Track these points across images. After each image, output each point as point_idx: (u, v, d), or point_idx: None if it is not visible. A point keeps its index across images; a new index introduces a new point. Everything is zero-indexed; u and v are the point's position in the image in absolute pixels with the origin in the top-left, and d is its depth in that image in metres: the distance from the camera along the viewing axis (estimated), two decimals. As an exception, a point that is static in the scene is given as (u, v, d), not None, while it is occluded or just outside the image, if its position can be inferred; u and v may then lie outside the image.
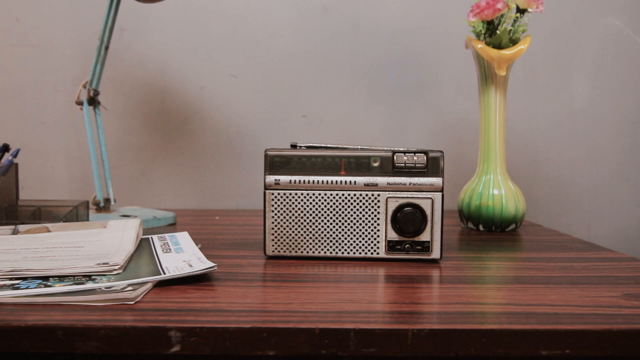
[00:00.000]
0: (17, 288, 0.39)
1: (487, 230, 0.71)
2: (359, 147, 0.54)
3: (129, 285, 0.40)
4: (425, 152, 0.52)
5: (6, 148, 0.63)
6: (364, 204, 0.51)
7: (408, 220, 0.50)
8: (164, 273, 0.43)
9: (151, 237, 0.58)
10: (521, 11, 0.69)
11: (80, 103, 0.76)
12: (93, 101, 0.77)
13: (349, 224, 0.51)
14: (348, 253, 0.52)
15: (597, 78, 0.97)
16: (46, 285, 0.40)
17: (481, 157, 0.73)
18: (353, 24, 0.94)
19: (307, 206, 0.51)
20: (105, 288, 0.39)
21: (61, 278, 0.41)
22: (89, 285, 0.40)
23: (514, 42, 0.69)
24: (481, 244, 0.63)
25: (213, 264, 0.44)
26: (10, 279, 0.41)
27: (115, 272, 0.43)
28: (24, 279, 0.41)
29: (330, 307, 0.37)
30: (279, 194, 0.52)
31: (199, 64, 0.94)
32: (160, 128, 0.95)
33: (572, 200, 0.98)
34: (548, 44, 0.96)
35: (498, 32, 0.69)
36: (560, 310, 0.37)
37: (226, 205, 0.95)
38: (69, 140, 0.94)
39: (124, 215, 0.73)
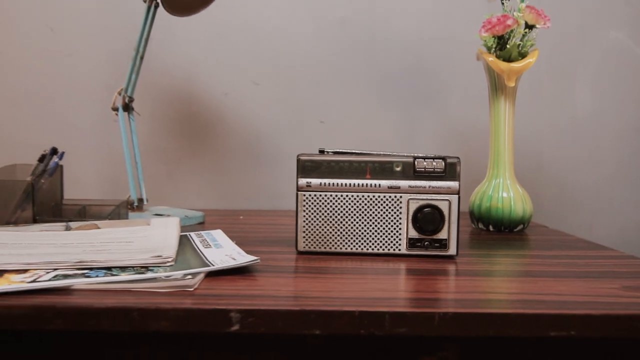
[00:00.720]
0: (88, 276, 0.44)
1: (496, 230, 0.76)
2: (382, 152, 0.59)
3: (186, 274, 0.45)
4: (444, 159, 0.57)
5: (55, 151, 0.68)
6: (387, 204, 0.56)
7: (427, 220, 0.56)
8: (212, 265, 0.48)
9: (189, 234, 0.63)
10: (529, 27, 0.74)
11: (115, 109, 0.82)
12: (127, 107, 0.82)
13: (373, 223, 0.57)
14: (372, 249, 0.57)
15: (599, 87, 1.02)
16: (112, 274, 0.45)
17: (491, 162, 0.78)
18: (368, 35, 1.00)
19: (336, 206, 0.57)
20: (165, 277, 0.45)
21: (122, 269, 0.47)
22: (150, 274, 0.45)
23: (522, 55, 0.75)
24: (492, 242, 0.69)
25: (256, 257, 0.49)
26: (78, 269, 0.46)
27: (168, 264, 0.48)
28: (91, 269, 0.46)
29: (363, 294, 0.43)
30: (310, 195, 0.57)
31: (223, 72, 0.99)
32: (186, 132, 1.00)
33: (575, 202, 1.03)
34: (553, 55, 1.01)
35: (508, 46, 0.74)
36: (566, 298, 0.43)
37: (248, 206, 1.00)
38: (100, 143, 0.99)
39: (157, 214, 0.79)
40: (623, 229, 1.04)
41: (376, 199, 0.56)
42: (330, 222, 0.57)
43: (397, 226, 0.56)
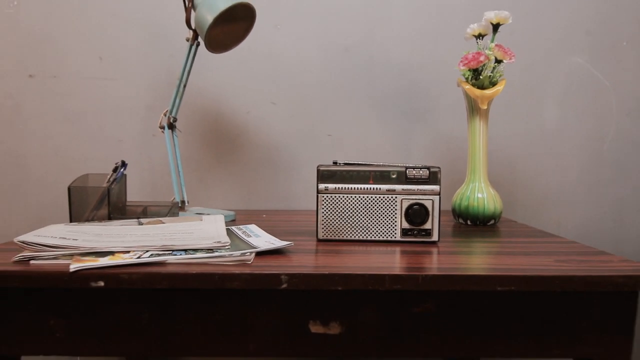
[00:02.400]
0: (174, 255, 0.62)
1: (473, 224, 0.94)
2: (382, 163, 0.77)
3: (243, 253, 0.63)
4: (428, 168, 0.75)
5: (124, 163, 0.86)
6: (385, 203, 0.74)
7: (416, 214, 0.74)
8: (257, 247, 0.66)
9: (231, 228, 0.81)
10: (498, 61, 0.93)
11: (162, 127, 0.99)
12: (172, 126, 1.00)
13: (375, 217, 0.75)
14: (374, 237, 0.75)
15: (563, 104, 1.21)
16: (189, 254, 0.63)
17: (469, 169, 0.96)
18: (368, 61, 1.18)
19: (347, 205, 0.75)
20: (229, 255, 0.62)
21: (194, 250, 0.64)
22: (217, 253, 0.63)
23: (493, 84, 0.93)
24: (468, 233, 0.87)
25: (290, 242, 0.67)
26: (164, 250, 0.64)
27: (227, 247, 0.66)
28: (173, 250, 0.64)
29: (370, 265, 0.60)
30: (327, 196, 0.75)
31: (246, 93, 1.17)
32: (214, 144, 1.18)
33: (544, 202, 1.22)
34: (524, 77, 1.19)
35: (481, 77, 0.92)
36: (512, 267, 0.61)
37: (268, 206, 1.18)
38: (142, 154, 1.17)
39: (198, 213, 0.96)
40: (585, 223, 1.22)
41: (377, 199, 0.74)
42: (343, 216, 0.75)
43: (393, 219, 0.74)
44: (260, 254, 0.65)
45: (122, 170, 0.88)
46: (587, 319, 0.60)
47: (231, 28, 0.96)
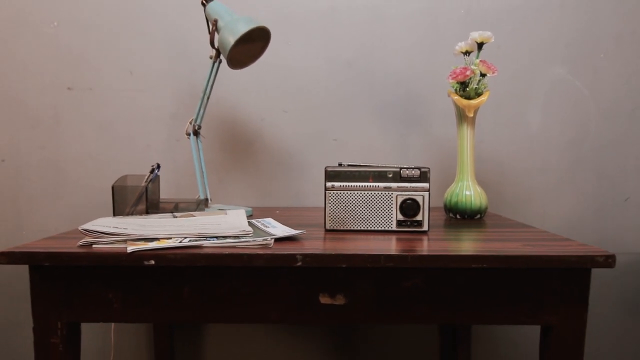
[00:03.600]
0: (208, 240, 0.75)
1: (462, 217, 1.07)
2: (380, 165, 0.91)
3: (264, 239, 0.76)
4: (419, 168, 0.88)
5: (159, 166, 1.00)
6: (383, 198, 0.88)
7: (409, 208, 0.87)
8: (275, 235, 0.79)
9: (251, 221, 0.94)
10: (483, 75, 1.06)
11: (188, 134, 1.13)
12: (197, 133, 1.14)
13: (374, 210, 0.88)
14: (373, 227, 0.88)
15: (547, 111, 1.33)
16: (220, 240, 0.76)
17: (458, 169, 1.09)
18: (369, 73, 1.31)
19: (350, 200, 0.88)
20: (253, 240, 0.76)
21: (224, 237, 0.78)
22: (243, 239, 0.76)
23: (478, 94, 1.06)
24: (456, 225, 1.00)
25: (303, 230, 0.81)
26: (199, 237, 0.77)
27: (250, 234, 0.79)
28: (206, 237, 0.78)
29: (369, 248, 0.74)
30: (333, 193, 0.88)
31: (260, 102, 1.31)
32: (232, 149, 1.32)
33: (530, 199, 1.34)
34: (511, 86, 1.32)
35: (468, 89, 1.05)
36: (485, 249, 0.74)
37: (280, 204, 1.31)
38: (167, 158, 1.31)
39: (220, 209, 1.10)
40: (568, 217, 1.34)
41: (376, 195, 0.88)
42: (347, 210, 0.88)
43: (389, 212, 0.88)
44: (278, 240, 0.79)
45: (156, 171, 1.01)
46: (549, 293, 0.73)
47: (249, 47, 1.09)
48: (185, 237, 0.77)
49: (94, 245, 0.73)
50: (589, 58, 1.32)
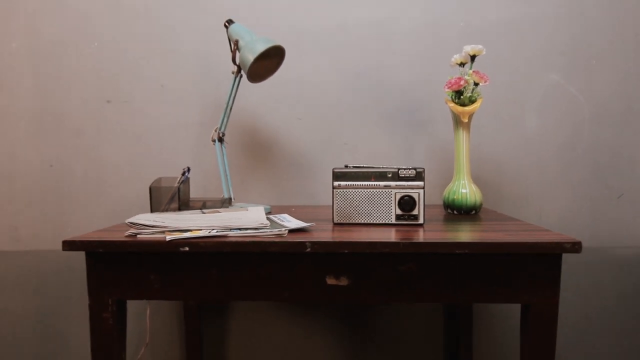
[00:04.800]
0: (233, 231, 0.89)
1: (458, 213, 1.18)
2: (381, 166, 1.03)
3: (280, 230, 0.90)
4: (415, 169, 1.00)
5: (189, 169, 1.14)
6: (383, 195, 1.00)
7: (406, 203, 0.99)
8: (289, 227, 0.93)
9: (269, 216, 1.08)
10: (476, 84, 1.17)
11: (213, 140, 1.28)
12: (221, 139, 1.28)
13: (375, 206, 1.00)
14: (375, 221, 1.00)
15: (542, 114, 1.43)
16: (242, 231, 0.90)
17: (455, 170, 1.21)
18: (377, 83, 1.44)
19: (354, 197, 1.01)
20: (269, 231, 0.89)
21: (246, 229, 0.91)
22: (262, 230, 0.90)
23: (472, 101, 1.17)
24: (452, 219, 1.11)
25: (313, 223, 0.94)
26: (225, 228, 0.91)
27: (268, 226, 0.93)
28: (231, 228, 0.91)
29: (371, 237, 0.86)
30: (340, 191, 1.01)
31: (277, 111, 1.45)
32: (252, 153, 1.46)
33: (527, 197, 1.44)
34: (508, 91, 1.43)
35: (462, 97, 1.17)
36: (469, 237, 0.85)
37: (295, 202, 1.45)
38: (195, 162, 1.46)
39: (242, 207, 1.24)
40: (562, 214, 1.44)
41: (377, 193, 1.00)
42: (352, 205, 1.01)
43: (389, 207, 1.00)
44: (292, 231, 0.92)
45: (187, 174, 1.16)
46: (526, 275, 0.84)
47: (267, 63, 1.23)
48: (213, 229, 0.91)
49: (138, 236, 0.88)
50: (581, 65, 1.42)
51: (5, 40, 1.46)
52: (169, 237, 0.84)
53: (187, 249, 0.83)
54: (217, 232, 0.88)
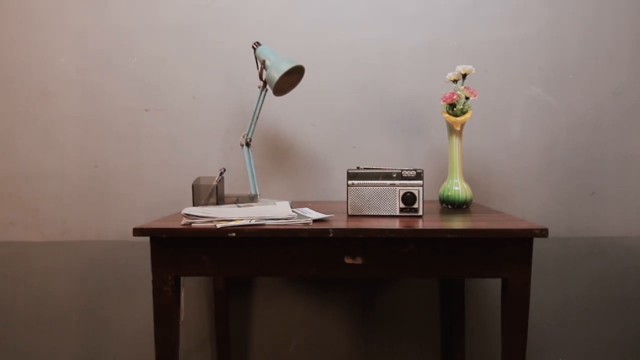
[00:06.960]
0: (268, 221, 1.10)
1: (452, 207, 1.40)
2: (387, 167, 1.24)
3: (306, 219, 1.11)
4: (416, 170, 1.21)
5: (225, 170, 1.35)
6: (389, 192, 1.21)
7: (408, 198, 1.20)
8: (312, 218, 1.14)
9: (292, 209, 1.29)
10: (467, 98, 1.38)
11: (242, 145, 1.48)
12: (248, 144, 1.49)
13: (382, 201, 1.21)
14: (382, 213, 1.21)
15: (525, 121, 1.64)
16: (275, 220, 1.10)
17: (449, 171, 1.42)
18: (381, 94, 1.65)
19: (365, 194, 1.22)
20: (298, 220, 1.10)
21: (279, 219, 1.12)
22: (291, 220, 1.11)
23: (463, 113, 1.38)
24: (447, 212, 1.32)
25: (332, 215, 1.15)
26: (261, 218, 1.12)
27: (295, 217, 1.14)
28: (266, 218, 1.12)
29: (380, 225, 1.07)
30: (353, 188, 1.22)
31: (294, 119, 1.66)
32: (272, 156, 1.67)
33: (512, 194, 1.66)
34: (495, 102, 1.64)
35: (455, 109, 1.38)
36: (459, 225, 1.06)
37: (311, 198, 1.66)
38: (222, 164, 1.66)
39: (268, 202, 1.44)
40: (543, 209, 1.65)
41: (384, 190, 1.21)
42: (363, 200, 1.22)
43: (394, 202, 1.21)
44: (315, 221, 1.13)
45: (223, 174, 1.37)
46: (504, 255, 1.05)
47: (289, 79, 1.44)
48: (252, 219, 1.12)
49: (192, 224, 1.09)
50: (559, 79, 1.63)
51: (56, 55, 1.66)
52: (219, 225, 1.05)
53: (234, 234, 1.04)
54: (255, 221, 1.09)
